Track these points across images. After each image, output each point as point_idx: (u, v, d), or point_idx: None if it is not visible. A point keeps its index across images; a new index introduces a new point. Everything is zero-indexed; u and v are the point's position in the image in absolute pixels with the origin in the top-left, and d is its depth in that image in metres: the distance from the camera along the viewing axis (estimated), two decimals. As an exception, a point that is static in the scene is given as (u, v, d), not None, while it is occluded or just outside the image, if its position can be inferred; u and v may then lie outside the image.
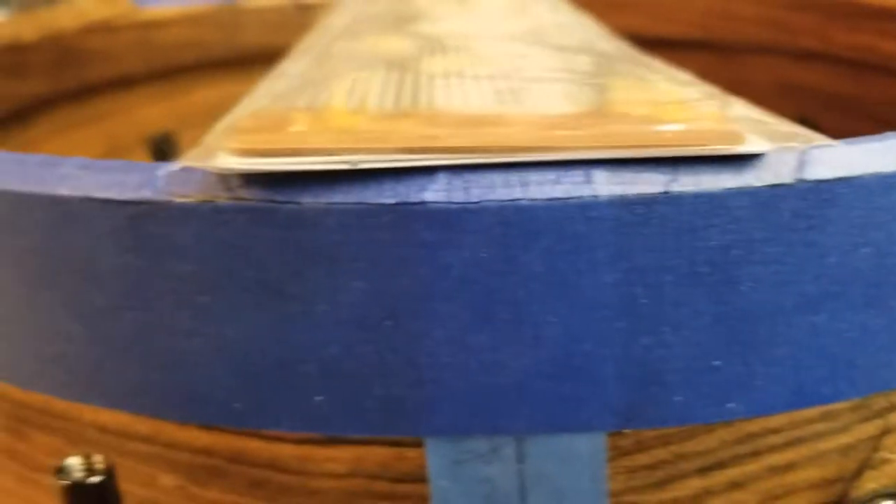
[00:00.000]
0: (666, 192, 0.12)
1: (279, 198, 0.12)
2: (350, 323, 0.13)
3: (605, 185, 0.12)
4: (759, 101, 0.42)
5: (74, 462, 0.13)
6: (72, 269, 0.14)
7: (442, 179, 0.12)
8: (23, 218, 0.14)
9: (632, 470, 0.14)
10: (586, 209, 0.12)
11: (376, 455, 0.14)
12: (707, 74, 0.45)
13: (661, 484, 0.14)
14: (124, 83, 0.40)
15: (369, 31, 0.23)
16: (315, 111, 0.14)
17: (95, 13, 0.38)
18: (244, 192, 0.13)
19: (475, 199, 0.12)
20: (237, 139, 0.12)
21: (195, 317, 0.13)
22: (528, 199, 0.12)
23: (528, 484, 0.14)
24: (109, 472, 0.13)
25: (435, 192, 0.12)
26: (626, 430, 0.13)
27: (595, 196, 0.12)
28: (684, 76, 0.19)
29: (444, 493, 0.14)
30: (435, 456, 0.14)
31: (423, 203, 0.12)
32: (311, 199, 0.12)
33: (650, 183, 0.12)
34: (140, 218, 0.13)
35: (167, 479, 0.15)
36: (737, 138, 0.12)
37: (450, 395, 0.13)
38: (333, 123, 0.13)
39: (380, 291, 0.13)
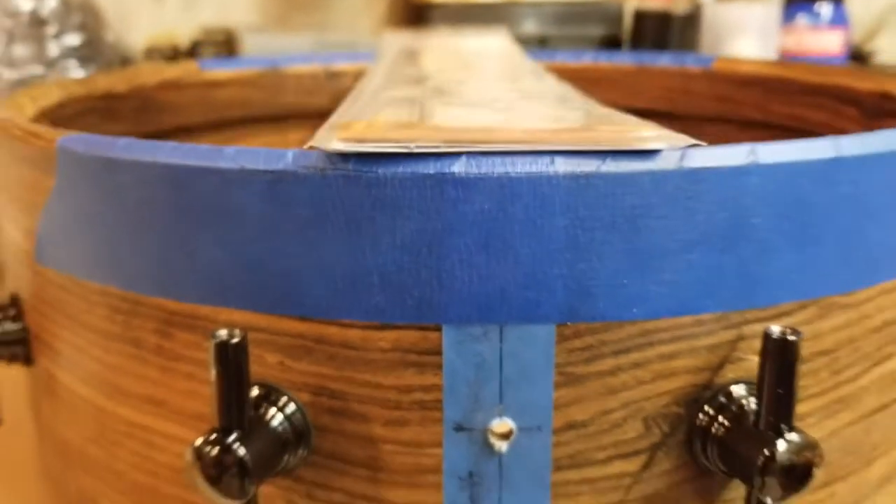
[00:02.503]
0: (597, 171, 0.20)
1: (363, 169, 0.21)
2: (401, 249, 0.21)
3: (562, 165, 0.20)
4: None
5: (222, 331, 0.21)
6: (224, 217, 0.22)
7: (463, 160, 0.20)
8: (193, 183, 0.22)
9: (570, 350, 0.22)
10: (550, 179, 0.20)
11: (410, 336, 0.22)
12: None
13: (588, 361, 0.22)
14: (187, 131, 0.48)
15: (395, 87, 0.32)
16: (378, 122, 0.22)
17: (169, 72, 0.47)
18: (342, 165, 0.21)
19: (483, 172, 0.20)
20: (343, 133, 0.21)
21: (304, 245, 0.21)
22: (515, 173, 0.20)
23: (505, 357, 0.22)
24: (244, 338, 0.21)
25: (458, 167, 0.20)
26: (568, 324, 0.21)
27: (556, 172, 0.20)
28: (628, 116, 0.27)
29: (451, 363, 0.22)
30: (447, 337, 0.22)
31: (451, 173, 0.20)
32: (383, 170, 0.21)
33: (589, 165, 0.20)
34: (277, 181, 0.21)
35: (271, 357, 0.23)
36: (642, 141, 0.21)
37: (459, 297, 0.21)
38: (396, 124, 0.22)
39: (421, 230, 0.21)
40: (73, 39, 0.50)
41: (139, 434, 0.25)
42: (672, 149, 0.21)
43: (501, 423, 0.22)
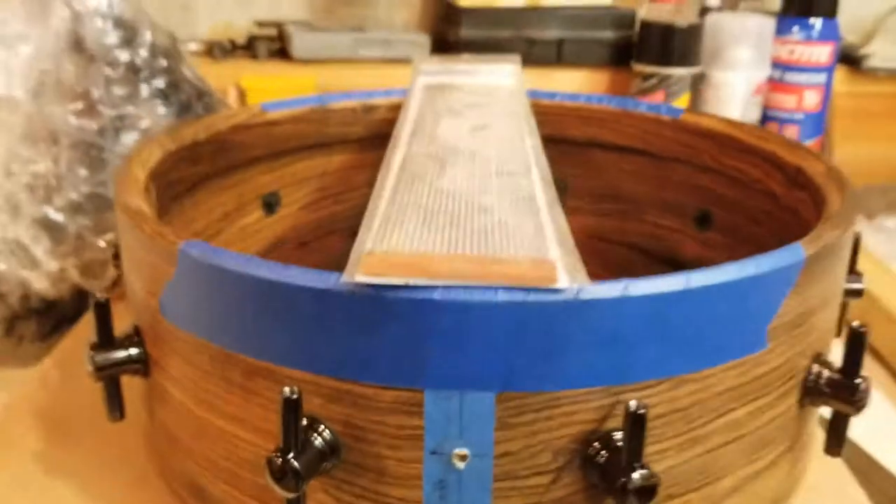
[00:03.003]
0: (525, 300, 0.32)
1: (377, 293, 0.33)
2: (399, 343, 0.33)
3: (503, 296, 0.32)
4: (677, 196, 0.64)
5: (287, 389, 0.33)
6: (288, 312, 0.34)
7: (440, 290, 0.32)
8: (270, 289, 0.34)
9: (505, 408, 0.34)
10: (496, 304, 0.32)
11: (405, 395, 0.34)
12: (642, 172, 0.66)
13: (517, 415, 0.34)
14: (252, 161, 0.60)
15: (416, 179, 0.44)
16: (390, 253, 0.34)
17: (239, 117, 0.59)
18: (365, 289, 0.33)
19: (452, 298, 0.32)
20: (364, 270, 0.33)
21: (338, 335, 0.34)
22: (473, 300, 0.32)
23: (463, 410, 0.34)
24: (300, 394, 0.33)
25: (437, 295, 0.32)
26: (504, 392, 0.33)
27: (499, 300, 0.32)
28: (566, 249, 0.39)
29: (430, 413, 0.34)
30: (427, 397, 0.34)
31: (432, 298, 0.32)
32: (390, 294, 0.33)
33: (520, 296, 0.32)
34: (323, 294, 0.33)
35: (316, 400, 0.35)
36: (552, 281, 0.32)
37: (436, 374, 0.33)
38: (399, 258, 0.34)
39: (411, 332, 0.33)
40: (160, 82, 0.62)
41: (228, 438, 0.38)
42: (573, 286, 0.33)
43: (461, 451, 0.34)
